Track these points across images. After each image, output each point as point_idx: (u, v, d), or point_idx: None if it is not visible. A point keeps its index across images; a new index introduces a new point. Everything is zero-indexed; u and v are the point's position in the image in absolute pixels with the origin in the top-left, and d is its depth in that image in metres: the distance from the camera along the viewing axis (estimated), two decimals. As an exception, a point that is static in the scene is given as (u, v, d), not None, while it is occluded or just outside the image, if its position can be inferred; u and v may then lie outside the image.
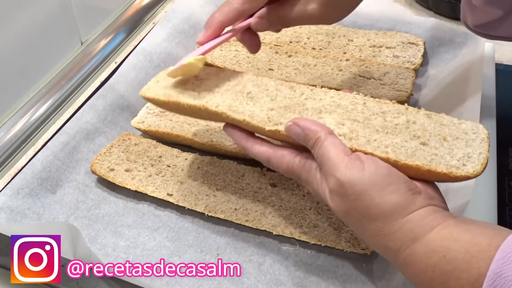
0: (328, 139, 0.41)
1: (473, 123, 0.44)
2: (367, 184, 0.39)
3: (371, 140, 0.43)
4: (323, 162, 0.41)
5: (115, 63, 0.77)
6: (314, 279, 0.50)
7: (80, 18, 0.77)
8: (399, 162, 0.41)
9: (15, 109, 0.68)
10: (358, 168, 0.39)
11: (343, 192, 0.40)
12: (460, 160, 0.41)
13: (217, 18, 0.49)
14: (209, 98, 0.48)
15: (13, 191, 0.56)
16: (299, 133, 0.43)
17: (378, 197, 0.38)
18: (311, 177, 0.43)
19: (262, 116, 0.46)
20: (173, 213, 0.57)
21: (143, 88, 0.52)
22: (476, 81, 0.66)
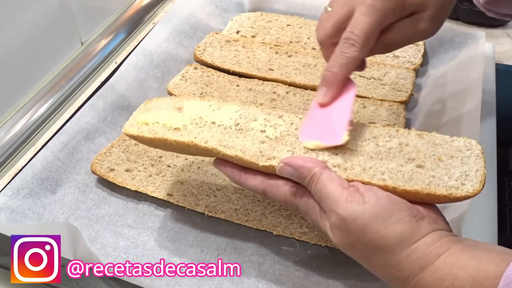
0: (323, 174, 0.40)
1: (466, 139, 0.43)
2: (369, 217, 0.38)
3: (366, 168, 0.42)
4: (321, 198, 0.40)
5: (115, 63, 0.77)
6: (314, 279, 0.50)
7: (80, 18, 0.77)
8: (398, 188, 0.40)
9: (15, 109, 0.68)
10: (358, 202, 0.38)
11: (345, 227, 0.39)
12: (458, 179, 0.41)
13: (340, 73, 0.45)
14: (196, 132, 0.46)
15: (13, 191, 0.56)
16: (292, 173, 0.42)
17: (382, 229, 0.38)
18: (310, 209, 0.42)
19: (254, 150, 0.45)
20: (173, 213, 0.57)
21: (125, 125, 0.49)
22: (476, 81, 0.66)
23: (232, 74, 0.73)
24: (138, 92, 0.70)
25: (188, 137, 0.46)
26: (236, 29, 0.81)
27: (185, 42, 0.79)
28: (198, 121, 0.47)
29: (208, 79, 0.72)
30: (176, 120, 0.48)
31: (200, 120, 0.47)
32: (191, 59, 0.77)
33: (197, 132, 0.46)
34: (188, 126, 0.47)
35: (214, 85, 0.71)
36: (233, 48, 0.76)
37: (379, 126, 0.46)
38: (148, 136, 0.47)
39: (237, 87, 0.71)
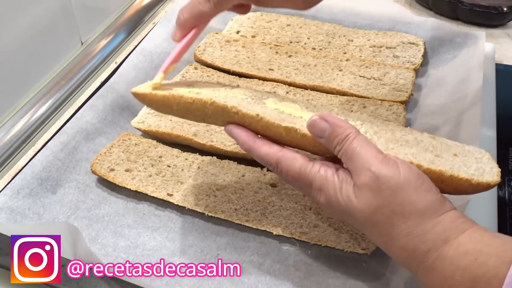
0: (359, 136, 0.40)
1: (475, 148, 0.44)
2: (402, 180, 0.38)
3: (388, 149, 0.42)
4: (353, 157, 0.39)
5: (115, 63, 0.77)
6: (314, 279, 0.50)
7: (80, 18, 0.77)
8: (423, 166, 0.41)
9: (15, 109, 0.68)
10: (393, 166, 0.38)
11: (377, 186, 0.38)
12: (476, 171, 0.41)
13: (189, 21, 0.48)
14: (214, 94, 0.45)
15: (13, 191, 0.57)
16: (324, 129, 0.41)
17: (413, 194, 0.38)
18: (327, 184, 0.41)
19: (275, 116, 0.43)
20: (173, 213, 0.57)
21: (134, 88, 0.48)
22: (476, 81, 0.66)
23: (232, 74, 0.73)
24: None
25: (206, 96, 0.44)
26: (236, 29, 0.81)
27: (185, 42, 0.79)
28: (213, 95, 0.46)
29: (208, 79, 0.72)
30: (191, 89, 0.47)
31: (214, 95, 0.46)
32: (191, 59, 0.77)
33: (215, 94, 0.45)
34: (203, 92, 0.46)
35: (214, 85, 0.71)
36: (233, 48, 0.76)
37: (393, 124, 0.47)
38: (162, 94, 0.45)
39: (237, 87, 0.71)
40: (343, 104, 0.67)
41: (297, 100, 0.48)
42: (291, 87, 0.70)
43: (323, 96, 0.69)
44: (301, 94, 0.69)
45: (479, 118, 0.60)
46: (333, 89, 0.69)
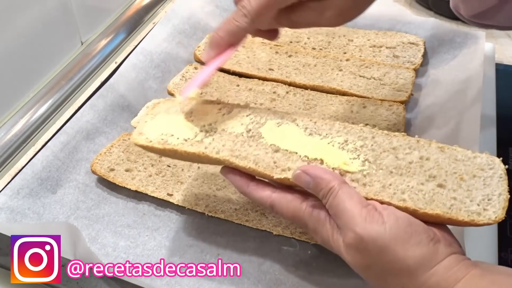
0: (342, 189, 0.39)
1: (488, 156, 0.42)
2: (389, 238, 0.37)
3: (386, 186, 0.41)
4: (338, 214, 0.39)
5: (115, 63, 0.77)
6: (314, 279, 0.50)
7: (80, 18, 0.77)
8: (419, 211, 0.39)
9: (15, 109, 0.68)
10: (377, 222, 0.37)
11: (363, 247, 0.37)
12: (481, 204, 0.39)
13: (225, 38, 0.46)
14: (207, 142, 0.45)
15: (13, 191, 0.56)
16: (308, 182, 0.40)
17: (401, 251, 0.37)
18: (320, 227, 0.41)
19: (268, 161, 0.43)
20: (173, 213, 0.57)
21: (134, 134, 0.48)
22: (476, 81, 0.66)
23: (232, 74, 0.73)
24: (138, 92, 0.70)
25: (199, 147, 0.45)
26: (236, 29, 0.81)
27: (185, 42, 0.79)
28: (208, 129, 0.46)
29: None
30: (186, 128, 0.47)
31: (210, 127, 0.46)
32: (191, 59, 0.77)
33: (208, 141, 0.45)
34: (198, 134, 0.46)
35: (214, 85, 0.71)
36: (233, 48, 0.76)
37: (398, 135, 0.44)
38: (158, 146, 0.46)
39: (237, 87, 0.71)
40: (343, 104, 0.67)
41: (297, 117, 0.46)
42: (291, 87, 0.70)
43: (323, 96, 0.69)
44: (301, 94, 0.69)
45: (479, 118, 0.59)
46: (333, 89, 0.69)
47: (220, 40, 0.46)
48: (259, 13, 0.44)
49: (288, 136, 0.45)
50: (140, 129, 0.48)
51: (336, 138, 0.44)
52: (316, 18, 0.47)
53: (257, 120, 0.46)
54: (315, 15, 0.47)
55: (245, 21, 0.45)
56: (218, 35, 0.46)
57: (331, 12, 0.46)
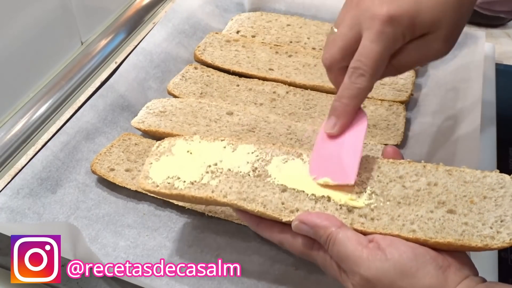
0: (340, 234, 0.39)
1: (498, 175, 0.41)
2: (394, 274, 0.36)
3: (394, 218, 0.40)
4: (341, 259, 0.39)
5: (115, 63, 0.77)
6: (314, 279, 0.50)
7: (80, 18, 0.77)
8: (429, 240, 0.38)
9: (15, 109, 0.68)
10: (381, 260, 0.37)
11: (370, 287, 0.37)
12: (493, 226, 0.38)
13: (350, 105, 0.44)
14: (214, 184, 0.45)
15: (13, 191, 0.56)
16: (308, 231, 0.40)
17: (409, 286, 0.36)
18: (328, 265, 0.41)
19: (276, 202, 0.43)
20: (173, 213, 0.57)
21: (141, 178, 0.47)
22: (476, 81, 0.66)
23: (232, 74, 0.73)
24: (138, 92, 0.70)
25: (206, 191, 0.45)
26: (236, 29, 0.81)
27: (185, 42, 0.79)
28: (214, 169, 0.46)
29: (208, 79, 0.72)
30: (191, 170, 0.46)
31: (216, 168, 0.46)
32: (191, 59, 0.77)
33: (215, 183, 0.45)
34: (205, 176, 0.46)
35: (214, 85, 0.71)
36: (233, 48, 0.76)
37: (404, 162, 0.43)
38: (165, 191, 0.46)
39: (237, 87, 0.71)
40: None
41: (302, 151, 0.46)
42: (291, 87, 0.70)
43: (323, 96, 0.69)
44: (301, 94, 0.69)
45: (479, 118, 0.59)
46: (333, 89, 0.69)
47: (345, 107, 0.44)
48: (376, 69, 0.42)
49: (294, 173, 0.45)
50: (146, 173, 0.47)
51: None
52: (422, 54, 0.44)
53: (263, 157, 0.46)
54: (421, 53, 0.44)
55: (365, 81, 0.43)
56: (341, 103, 0.44)
57: (436, 44, 0.43)
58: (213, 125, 0.63)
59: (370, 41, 0.42)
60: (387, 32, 0.41)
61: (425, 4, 0.41)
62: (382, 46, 0.42)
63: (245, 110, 0.65)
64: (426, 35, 0.43)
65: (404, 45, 0.43)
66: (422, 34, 0.43)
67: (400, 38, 0.42)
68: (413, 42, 0.43)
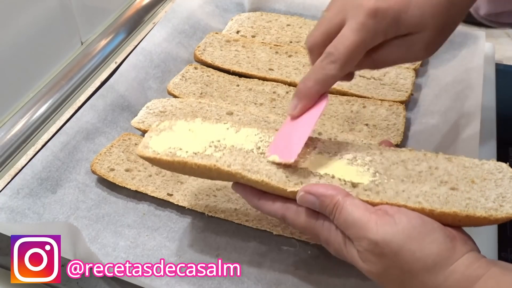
0: (347, 202, 0.39)
1: (495, 163, 0.41)
2: (403, 238, 0.36)
3: (399, 191, 0.40)
4: (347, 227, 0.38)
5: (115, 63, 0.77)
6: (314, 279, 0.50)
7: (80, 18, 0.77)
8: (435, 211, 0.39)
9: (15, 109, 0.68)
10: (389, 224, 0.37)
11: (378, 251, 0.37)
12: (496, 201, 0.39)
13: (313, 88, 0.43)
14: (217, 155, 0.44)
15: (13, 191, 0.57)
16: (314, 202, 0.40)
17: (418, 250, 0.36)
18: (332, 238, 0.41)
19: (280, 175, 0.42)
20: (173, 213, 0.57)
21: (140, 147, 0.46)
22: (476, 81, 0.66)
23: (232, 74, 0.73)
24: (138, 92, 0.70)
25: (210, 160, 0.44)
26: (236, 29, 0.81)
27: (185, 42, 0.79)
28: (217, 144, 0.45)
29: (208, 79, 0.72)
30: (194, 143, 0.45)
31: (219, 144, 0.45)
32: (191, 59, 0.77)
33: (218, 155, 0.44)
34: (208, 149, 0.45)
35: (214, 85, 0.71)
36: (233, 48, 0.76)
37: (405, 150, 0.44)
38: (166, 158, 0.44)
39: (237, 87, 0.71)
40: (343, 104, 0.67)
41: None
42: (291, 87, 0.70)
43: (323, 96, 0.69)
44: (301, 94, 0.69)
45: (479, 118, 0.60)
46: (333, 89, 0.69)
47: (308, 90, 0.43)
48: (349, 59, 0.42)
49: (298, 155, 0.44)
50: (145, 143, 0.46)
51: (345, 155, 0.44)
52: (402, 54, 0.44)
53: (266, 139, 0.46)
54: (401, 52, 0.44)
55: (334, 68, 0.42)
56: (305, 85, 0.44)
57: (418, 46, 0.44)
58: (213, 125, 0.63)
59: (350, 30, 0.41)
60: (369, 24, 0.41)
61: (414, 3, 0.41)
62: (360, 38, 0.41)
63: (245, 110, 0.65)
64: (409, 35, 0.43)
65: (387, 41, 0.43)
66: (406, 33, 0.43)
67: (381, 33, 0.42)
68: (396, 40, 0.43)
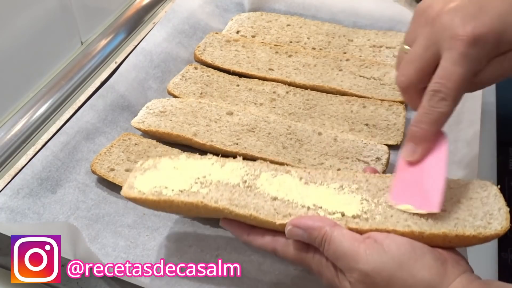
0: (335, 233, 0.38)
1: (478, 181, 0.42)
2: (393, 266, 0.36)
3: (388, 217, 0.41)
4: (337, 258, 0.38)
5: (115, 63, 0.77)
6: (314, 279, 0.50)
7: (80, 18, 0.77)
8: (425, 233, 0.39)
9: (15, 109, 0.68)
10: (379, 253, 0.37)
11: (370, 281, 0.37)
12: (484, 219, 0.39)
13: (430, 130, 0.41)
14: (204, 192, 0.44)
15: (13, 191, 0.57)
16: (302, 235, 0.40)
17: (409, 278, 0.36)
18: (324, 269, 0.41)
19: (268, 208, 0.43)
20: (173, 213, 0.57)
21: (124, 188, 0.46)
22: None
23: (232, 74, 0.73)
24: (138, 92, 0.70)
25: (196, 197, 0.44)
26: (236, 29, 0.81)
27: (185, 42, 0.79)
28: (203, 180, 0.45)
29: (208, 79, 0.72)
30: (179, 181, 0.45)
31: (204, 180, 0.45)
32: (191, 59, 0.77)
33: (205, 192, 0.44)
34: (194, 186, 0.45)
35: (214, 85, 0.71)
36: (233, 48, 0.76)
37: (390, 176, 0.44)
38: (152, 198, 0.44)
39: (237, 87, 0.71)
40: (343, 104, 0.67)
41: (290, 168, 0.46)
42: (291, 87, 0.70)
43: (323, 96, 0.69)
44: (301, 94, 0.69)
45: (479, 118, 0.59)
46: (333, 89, 0.69)
47: (425, 133, 0.41)
48: (459, 93, 0.40)
49: (284, 186, 0.45)
50: (130, 184, 0.46)
51: (331, 184, 0.44)
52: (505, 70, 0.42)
53: (252, 172, 0.46)
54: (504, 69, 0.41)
55: (447, 105, 0.39)
56: (421, 128, 0.41)
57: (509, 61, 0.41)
58: (213, 125, 0.63)
59: (452, 63, 0.39)
60: (472, 53, 0.38)
61: (510, 20, 0.39)
62: (466, 69, 0.39)
63: (245, 110, 0.65)
64: (510, 51, 0.41)
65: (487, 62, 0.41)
66: (508, 49, 0.40)
67: (485, 59, 0.40)
68: (497, 58, 0.41)
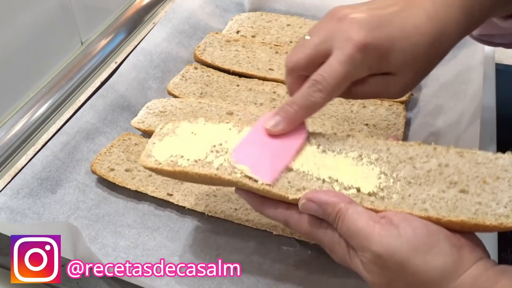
0: (350, 210, 0.37)
1: (510, 157, 0.39)
2: (407, 251, 0.35)
3: (405, 196, 0.39)
4: (350, 236, 0.37)
5: (115, 63, 0.77)
6: (314, 279, 0.50)
7: (80, 18, 0.77)
8: (442, 219, 0.37)
9: (15, 109, 0.68)
10: (393, 235, 0.36)
11: (382, 264, 0.36)
12: (508, 205, 0.37)
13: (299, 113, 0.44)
14: (219, 162, 0.43)
15: (13, 191, 0.57)
16: (316, 210, 0.39)
17: (423, 264, 0.35)
18: (336, 245, 0.40)
19: (282, 181, 0.42)
20: (173, 213, 0.57)
21: (142, 156, 0.46)
22: (476, 81, 0.66)
23: (232, 74, 0.73)
24: (138, 92, 0.70)
25: (210, 169, 0.43)
26: (236, 29, 0.81)
27: (185, 42, 0.79)
28: (219, 149, 0.45)
29: (208, 79, 0.72)
30: (196, 149, 0.45)
31: (220, 148, 0.45)
32: (191, 59, 0.77)
33: (219, 162, 0.43)
34: (209, 155, 0.44)
35: (214, 85, 0.71)
36: (233, 48, 0.76)
37: (414, 144, 0.42)
38: (167, 169, 0.44)
39: (237, 87, 0.71)
40: (343, 103, 0.67)
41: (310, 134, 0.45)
42: (291, 87, 0.70)
43: (323, 96, 0.69)
44: (301, 94, 0.69)
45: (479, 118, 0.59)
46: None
47: (293, 114, 0.43)
48: (335, 89, 0.42)
49: (301, 155, 0.44)
50: (148, 151, 0.46)
51: (350, 153, 0.43)
52: (379, 91, 0.45)
53: None
54: (378, 89, 0.45)
55: (321, 97, 0.42)
56: (292, 109, 0.43)
57: (395, 87, 0.44)
58: (213, 125, 0.63)
59: (338, 61, 0.41)
60: (357, 58, 0.41)
61: (398, 44, 0.41)
62: (347, 70, 0.41)
63: (245, 110, 0.65)
64: (389, 75, 0.43)
65: (366, 76, 0.43)
66: (387, 72, 0.43)
67: (366, 68, 0.43)
68: (375, 77, 0.44)
